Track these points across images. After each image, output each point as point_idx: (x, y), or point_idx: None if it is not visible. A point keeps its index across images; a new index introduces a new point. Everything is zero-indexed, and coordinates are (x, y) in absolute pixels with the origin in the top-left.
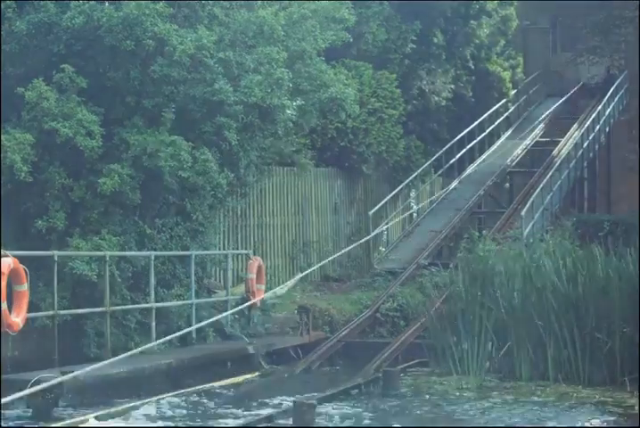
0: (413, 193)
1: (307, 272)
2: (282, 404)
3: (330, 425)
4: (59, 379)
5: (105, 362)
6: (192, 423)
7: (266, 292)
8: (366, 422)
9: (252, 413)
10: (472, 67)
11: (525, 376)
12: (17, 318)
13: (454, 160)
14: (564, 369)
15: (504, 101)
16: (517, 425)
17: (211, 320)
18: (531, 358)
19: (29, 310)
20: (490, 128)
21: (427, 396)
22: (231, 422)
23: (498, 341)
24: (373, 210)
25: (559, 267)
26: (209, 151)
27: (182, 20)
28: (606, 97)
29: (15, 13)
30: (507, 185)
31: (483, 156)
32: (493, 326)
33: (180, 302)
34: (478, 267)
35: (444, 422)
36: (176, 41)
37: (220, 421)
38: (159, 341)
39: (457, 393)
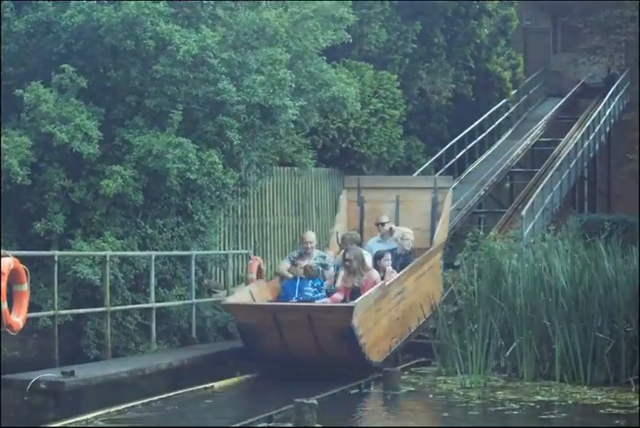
0: None
1: None
2: (282, 404)
3: (330, 425)
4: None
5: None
6: (192, 424)
7: None
8: (366, 422)
9: (252, 413)
10: (473, 67)
11: (530, 376)
12: (17, 318)
13: (454, 160)
14: (569, 369)
15: (504, 101)
16: (518, 426)
17: None
18: (536, 357)
19: (31, 312)
20: (491, 128)
21: (430, 395)
22: (231, 422)
23: (504, 340)
24: None
25: (564, 265)
26: (215, 153)
27: (183, 20)
28: (607, 97)
29: (13, 13)
30: (507, 184)
31: (483, 156)
32: (499, 325)
33: (180, 302)
34: (484, 265)
35: (446, 421)
36: (179, 41)
37: (220, 421)
38: None
39: (462, 392)
